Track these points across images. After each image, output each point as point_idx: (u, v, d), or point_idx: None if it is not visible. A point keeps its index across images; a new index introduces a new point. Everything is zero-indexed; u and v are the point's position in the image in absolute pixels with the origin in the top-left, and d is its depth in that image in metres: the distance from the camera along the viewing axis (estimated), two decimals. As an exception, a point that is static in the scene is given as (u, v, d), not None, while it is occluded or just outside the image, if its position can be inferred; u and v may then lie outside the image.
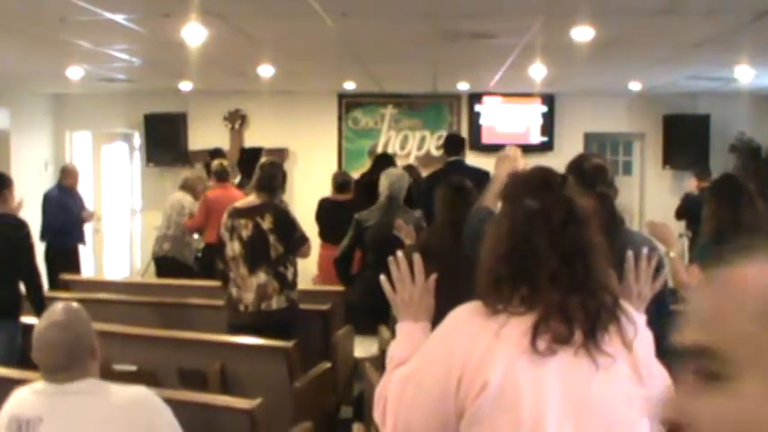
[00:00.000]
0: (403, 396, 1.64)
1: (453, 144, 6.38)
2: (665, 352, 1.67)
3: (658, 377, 1.64)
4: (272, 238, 4.56)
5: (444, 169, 6.04)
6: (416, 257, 1.90)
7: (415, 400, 1.61)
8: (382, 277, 1.91)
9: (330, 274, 6.33)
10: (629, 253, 1.94)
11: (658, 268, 2.00)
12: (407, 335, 1.83)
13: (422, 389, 1.60)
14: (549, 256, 1.55)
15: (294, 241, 4.64)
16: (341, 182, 6.84)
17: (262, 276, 4.57)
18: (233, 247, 4.63)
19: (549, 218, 1.58)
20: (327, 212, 6.72)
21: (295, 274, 4.73)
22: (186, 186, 7.93)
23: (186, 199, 7.76)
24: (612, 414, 1.53)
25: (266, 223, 4.56)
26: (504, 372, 1.49)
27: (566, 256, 1.55)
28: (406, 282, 1.88)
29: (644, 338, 1.63)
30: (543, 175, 1.69)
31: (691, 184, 8.35)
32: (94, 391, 2.39)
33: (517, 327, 1.52)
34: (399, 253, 1.91)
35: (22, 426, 2.33)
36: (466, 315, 1.61)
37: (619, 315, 1.59)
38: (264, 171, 4.77)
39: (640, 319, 1.68)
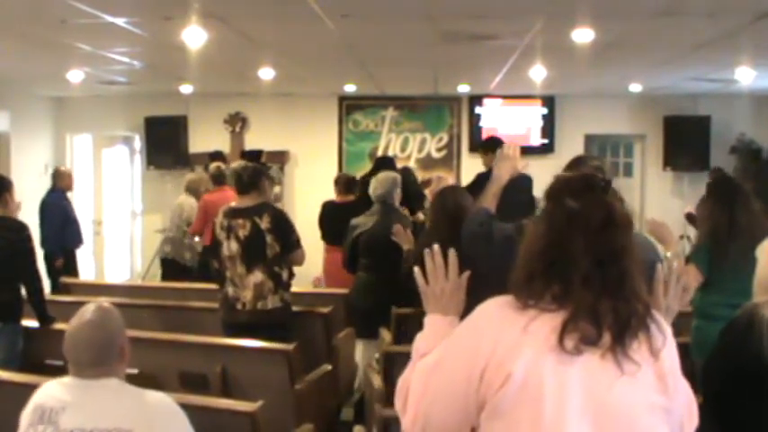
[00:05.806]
0: (427, 385, 1.64)
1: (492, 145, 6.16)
2: None
3: (682, 391, 1.63)
4: (269, 238, 4.60)
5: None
6: (452, 253, 1.89)
7: (438, 388, 1.61)
8: (416, 269, 1.90)
9: (334, 277, 6.32)
10: (659, 266, 1.93)
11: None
12: (435, 328, 1.82)
13: (446, 378, 1.60)
14: (582, 258, 1.54)
15: (290, 243, 4.67)
16: (345, 182, 6.82)
17: (258, 275, 4.62)
18: (230, 246, 4.66)
19: (588, 220, 1.57)
20: (330, 215, 6.71)
21: (290, 276, 4.77)
22: (189, 189, 7.94)
23: (188, 202, 7.78)
24: (633, 420, 1.52)
25: (264, 223, 4.62)
26: (529, 366, 1.49)
27: (600, 259, 1.55)
28: (440, 276, 1.88)
29: (671, 350, 1.61)
30: (586, 177, 1.69)
31: None
32: (118, 390, 2.46)
33: (546, 323, 1.52)
34: (436, 246, 1.90)
35: (46, 413, 2.41)
36: (495, 307, 1.60)
37: (649, 323, 1.57)
38: (234, 176, 4.96)
39: (669, 331, 1.67)
